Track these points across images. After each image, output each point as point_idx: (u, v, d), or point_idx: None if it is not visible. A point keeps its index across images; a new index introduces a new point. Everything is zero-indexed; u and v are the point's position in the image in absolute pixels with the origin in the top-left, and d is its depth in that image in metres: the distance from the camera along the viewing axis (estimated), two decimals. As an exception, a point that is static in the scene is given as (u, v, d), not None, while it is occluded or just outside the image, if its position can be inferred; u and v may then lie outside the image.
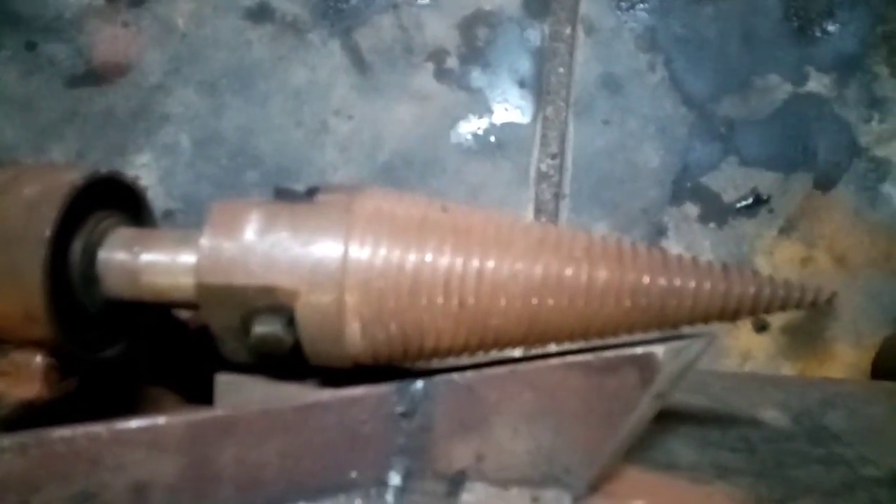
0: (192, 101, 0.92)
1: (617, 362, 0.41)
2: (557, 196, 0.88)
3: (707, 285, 0.39)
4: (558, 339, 0.41)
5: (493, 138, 0.90)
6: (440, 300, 0.38)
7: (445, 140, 0.90)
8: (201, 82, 0.93)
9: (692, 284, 0.39)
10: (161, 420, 0.36)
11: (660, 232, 0.88)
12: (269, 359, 0.41)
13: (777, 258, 0.88)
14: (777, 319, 0.87)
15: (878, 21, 0.91)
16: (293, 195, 0.41)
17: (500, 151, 0.90)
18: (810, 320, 0.87)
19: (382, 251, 0.38)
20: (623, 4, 0.93)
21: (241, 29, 0.94)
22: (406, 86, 0.92)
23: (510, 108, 0.91)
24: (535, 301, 0.39)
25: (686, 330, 0.42)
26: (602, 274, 0.39)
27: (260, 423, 0.39)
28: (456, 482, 0.43)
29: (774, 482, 0.47)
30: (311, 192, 0.41)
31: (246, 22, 0.94)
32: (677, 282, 0.39)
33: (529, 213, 0.88)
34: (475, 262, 0.38)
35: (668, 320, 0.40)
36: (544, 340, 0.41)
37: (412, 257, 0.38)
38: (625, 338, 0.42)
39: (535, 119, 0.91)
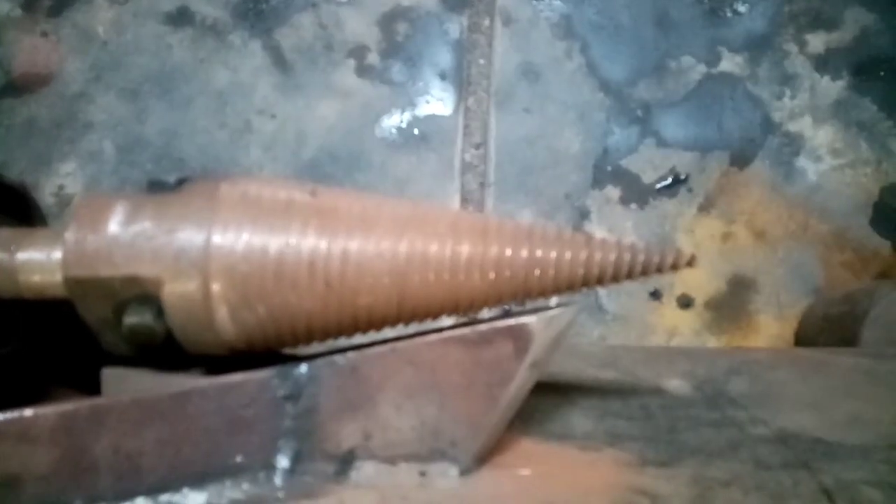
0: (114, 107, 0.92)
1: (491, 334, 0.42)
2: (483, 185, 0.89)
3: (568, 254, 0.41)
4: (431, 315, 0.42)
5: (416, 131, 0.91)
6: (305, 281, 0.39)
7: (370, 135, 0.91)
8: (123, 89, 0.92)
9: (553, 254, 0.40)
10: (29, 412, 0.37)
11: (583, 216, 0.90)
12: (148, 350, 0.41)
13: (698, 235, 0.90)
14: (700, 295, 0.89)
15: (786, 0, 0.94)
16: (163, 186, 0.41)
17: (425, 144, 0.91)
18: (733, 294, 0.89)
19: (245, 235, 0.39)
20: (538, -6, 0.95)
21: (162, 34, 0.94)
22: (328, 83, 0.92)
23: (432, 100, 0.92)
24: (401, 278, 0.40)
25: (557, 299, 0.43)
26: (465, 248, 0.40)
27: (133, 411, 0.39)
28: (345, 461, 0.44)
29: (662, 445, 0.48)
30: (180, 183, 0.41)
31: (166, 27, 0.94)
32: (539, 252, 0.40)
33: (456, 204, 0.89)
34: (339, 243, 0.39)
35: (534, 290, 0.41)
36: (418, 317, 0.42)
37: (275, 240, 0.39)
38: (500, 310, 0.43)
39: (457, 110, 0.92)
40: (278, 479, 0.42)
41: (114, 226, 0.39)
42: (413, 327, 0.44)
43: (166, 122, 0.91)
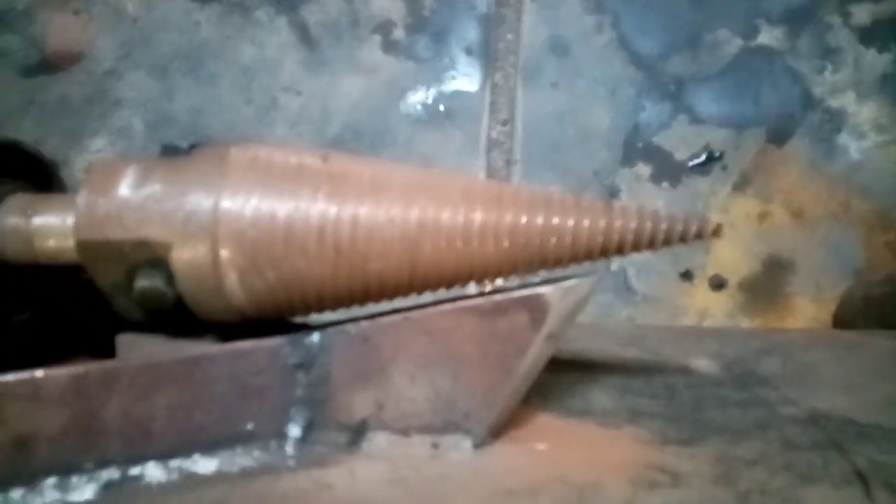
0: (143, 84, 0.93)
1: (507, 304, 0.41)
2: (509, 162, 0.88)
3: (586, 222, 0.39)
4: (444, 283, 0.41)
5: (442, 107, 0.90)
6: (315, 247, 0.38)
7: (395, 111, 0.90)
8: (152, 66, 0.93)
9: (570, 222, 0.39)
10: (40, 373, 0.37)
11: (612, 194, 0.88)
12: (160, 315, 0.41)
13: (733, 215, 0.87)
14: (734, 276, 0.86)
15: (829, -30, 0.90)
16: (176, 151, 0.41)
17: (450, 120, 0.90)
18: (769, 276, 0.86)
19: (254, 200, 0.38)
20: (569, -34, 0.92)
21: (190, 11, 0.94)
22: (354, 59, 0.91)
23: (458, 76, 0.91)
24: (412, 244, 0.39)
25: (575, 269, 0.42)
26: (478, 215, 0.39)
27: (144, 375, 0.39)
28: (358, 432, 0.43)
29: (685, 424, 0.47)
30: (193, 147, 0.41)
31: (194, 4, 0.94)
32: (555, 220, 0.39)
33: (482, 181, 0.88)
34: (349, 208, 0.38)
35: (550, 259, 0.40)
36: (431, 285, 0.41)
37: (285, 205, 0.38)
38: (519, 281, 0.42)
39: (483, 86, 0.90)
40: (290, 448, 0.42)
41: (124, 189, 0.39)
42: (426, 297, 0.43)
43: (194, 98, 0.91)
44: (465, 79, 0.91)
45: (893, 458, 0.42)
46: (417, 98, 0.91)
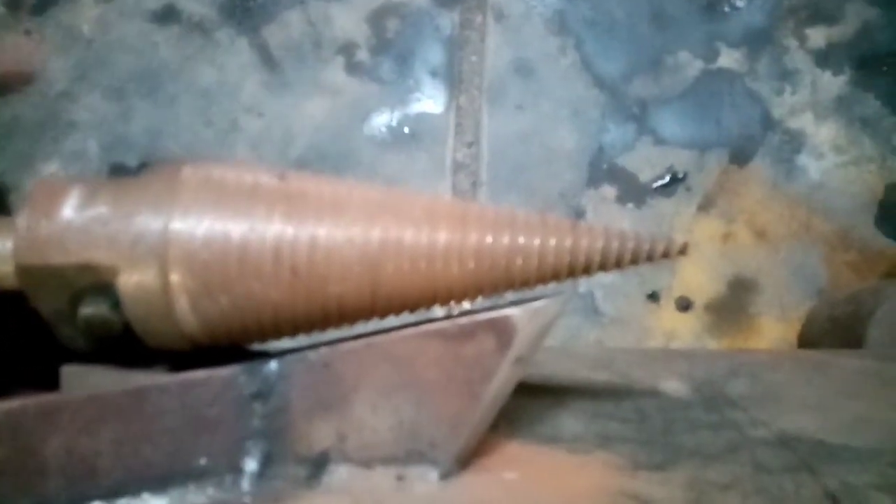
0: (98, 106, 0.90)
1: (472, 327, 0.39)
2: (475, 184, 0.87)
3: (552, 242, 0.38)
4: (408, 306, 0.40)
5: (407, 129, 0.89)
6: (270, 269, 0.36)
7: (358, 133, 0.89)
8: (108, 87, 0.91)
9: (536, 242, 0.38)
10: (-29, 410, 0.34)
11: (578, 215, 0.87)
12: (107, 344, 0.39)
13: (697, 235, 0.87)
14: (700, 297, 0.86)
15: (785, -5, 0.92)
16: (125, 171, 0.39)
17: (415, 142, 0.89)
18: (734, 296, 0.86)
19: (207, 221, 0.36)
20: (531, -10, 0.93)
21: (148, 32, 0.92)
22: (316, 81, 0.90)
23: (423, 98, 0.90)
24: (373, 266, 0.37)
25: (542, 290, 0.41)
26: (442, 235, 0.38)
27: (87, 409, 0.37)
28: (318, 464, 0.41)
29: (656, 448, 0.46)
30: (142, 167, 0.39)
31: (152, 25, 0.93)
32: (521, 240, 0.38)
33: (447, 203, 0.87)
34: (307, 228, 0.37)
35: (516, 280, 0.39)
36: (394, 308, 0.40)
37: (238, 226, 0.36)
38: (485, 303, 0.41)
39: (448, 108, 0.90)
40: (246, 484, 0.40)
41: (68, 211, 0.36)
42: (389, 321, 0.41)
43: (151, 120, 0.89)
44: (430, 101, 0.90)
45: (865, 479, 0.42)
46: (382, 120, 0.90)
